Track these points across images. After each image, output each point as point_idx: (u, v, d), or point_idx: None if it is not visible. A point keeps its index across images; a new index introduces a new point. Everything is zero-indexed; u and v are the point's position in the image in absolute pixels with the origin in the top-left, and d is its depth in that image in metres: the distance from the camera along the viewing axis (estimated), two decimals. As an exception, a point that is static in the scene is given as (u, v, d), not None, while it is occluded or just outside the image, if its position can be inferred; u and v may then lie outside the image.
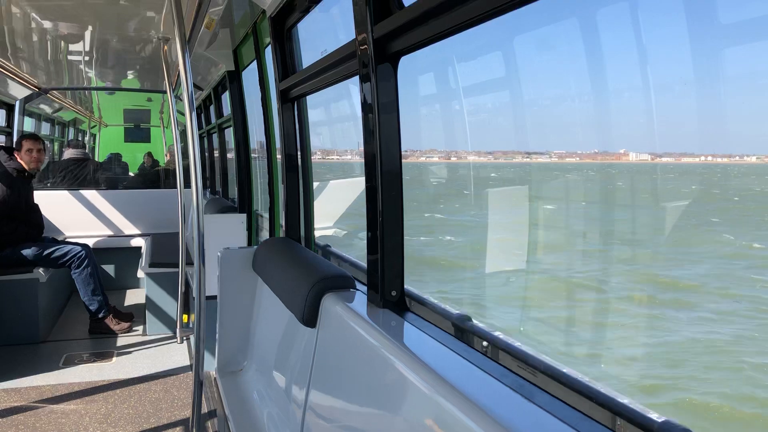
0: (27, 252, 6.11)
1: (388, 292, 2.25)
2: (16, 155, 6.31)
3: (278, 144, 4.77)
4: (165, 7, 4.37)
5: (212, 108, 7.53)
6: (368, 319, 2.15)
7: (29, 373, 5.42)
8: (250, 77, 5.49)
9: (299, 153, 3.68)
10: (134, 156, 14.32)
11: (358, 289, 2.53)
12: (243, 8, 4.19)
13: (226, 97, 6.33)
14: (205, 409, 4.71)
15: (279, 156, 4.82)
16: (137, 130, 15.87)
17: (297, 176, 3.67)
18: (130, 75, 7.78)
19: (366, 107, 2.25)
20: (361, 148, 2.34)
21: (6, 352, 5.92)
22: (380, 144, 2.18)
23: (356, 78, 2.33)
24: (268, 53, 4.51)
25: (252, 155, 5.65)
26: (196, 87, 7.33)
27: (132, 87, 8.84)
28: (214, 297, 3.75)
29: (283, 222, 4.00)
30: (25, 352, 5.97)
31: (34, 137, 6.62)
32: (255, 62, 5.10)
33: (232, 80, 5.44)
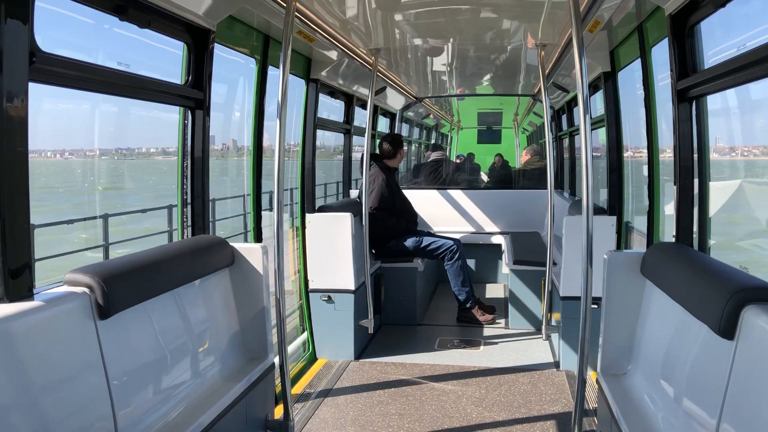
0: (408, 243, 6.89)
1: None
2: (398, 152, 7.16)
3: (661, 145, 4.61)
4: (543, 16, 4.55)
5: (576, 110, 7.57)
6: None
7: (411, 351, 6.12)
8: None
9: (695, 155, 3.50)
10: (485, 157, 15.08)
11: None
12: (628, 9, 4.14)
13: (594, 99, 6.31)
14: (570, 408, 4.79)
15: (661, 157, 4.66)
16: (489, 132, 16.68)
17: (692, 179, 3.50)
18: (486, 81, 8.25)
19: None
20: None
21: (392, 331, 6.78)
22: None
23: None
24: (654, 52, 4.40)
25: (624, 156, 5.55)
26: (561, 89, 7.44)
27: (492, 92, 9.37)
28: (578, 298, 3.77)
29: (668, 227, 3.86)
30: (406, 332, 6.75)
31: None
32: (632, 63, 5.01)
33: (607, 81, 5.40)
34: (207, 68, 3.75)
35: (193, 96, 3.73)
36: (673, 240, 3.62)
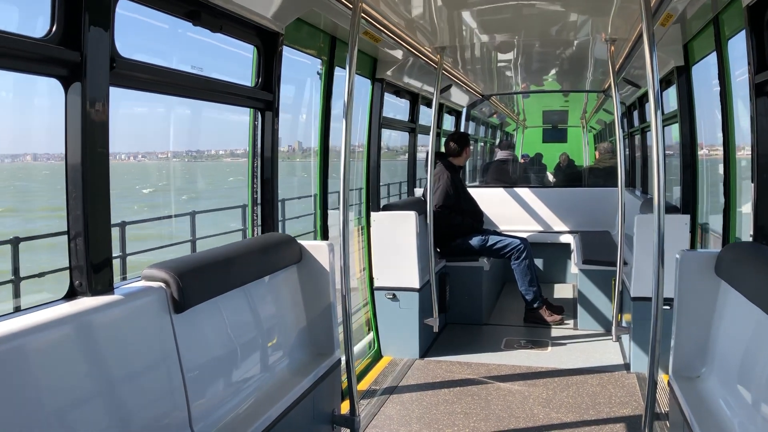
0: (474, 242, 6.85)
1: None
2: (464, 150, 7.12)
3: (738, 142, 4.45)
4: (613, 10, 4.45)
5: (648, 105, 7.36)
6: None
7: (476, 350, 6.09)
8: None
9: None
10: (550, 156, 14.85)
11: None
12: (702, 0, 4.01)
13: (666, 94, 6.13)
14: (641, 411, 4.67)
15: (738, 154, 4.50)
16: (554, 130, 16.42)
17: None
18: (553, 77, 8.11)
19: None
20: None
21: (458, 330, 6.77)
22: None
23: None
24: (730, 45, 4.25)
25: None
26: (633, 84, 7.25)
27: (560, 89, 9.20)
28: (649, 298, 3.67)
29: (746, 226, 3.73)
30: (471, 332, 6.72)
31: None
32: (707, 56, 4.85)
33: (680, 75, 5.24)
34: (276, 70, 3.85)
35: (262, 98, 3.83)
36: (750, 239, 3.49)
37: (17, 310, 2.32)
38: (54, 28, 2.31)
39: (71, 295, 2.46)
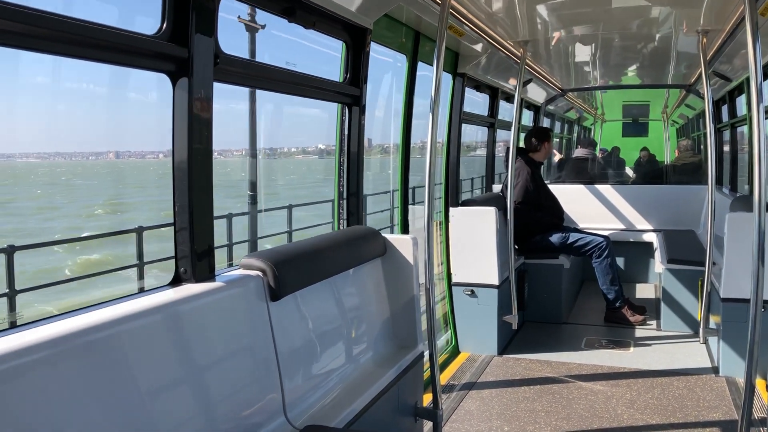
0: (554, 239, 6.73)
1: None
2: (544, 146, 7.00)
3: None
4: (706, 1, 4.30)
5: (743, 98, 7.06)
6: None
7: (556, 349, 6.00)
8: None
9: None
10: (629, 152, 14.44)
11: None
12: None
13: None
14: (732, 416, 4.50)
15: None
16: (635, 125, 15.95)
17: None
18: (637, 71, 7.86)
19: None
20: None
21: (536, 328, 6.68)
22: None
23: None
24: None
25: None
26: (722, 77, 6.96)
27: (651, 83, 8.93)
28: (746, 300, 3.52)
29: None
30: (551, 330, 6.63)
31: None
32: None
33: None
34: (363, 66, 3.90)
35: (350, 93, 3.89)
36: None
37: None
38: (164, 26, 2.42)
39: (176, 281, 2.58)
